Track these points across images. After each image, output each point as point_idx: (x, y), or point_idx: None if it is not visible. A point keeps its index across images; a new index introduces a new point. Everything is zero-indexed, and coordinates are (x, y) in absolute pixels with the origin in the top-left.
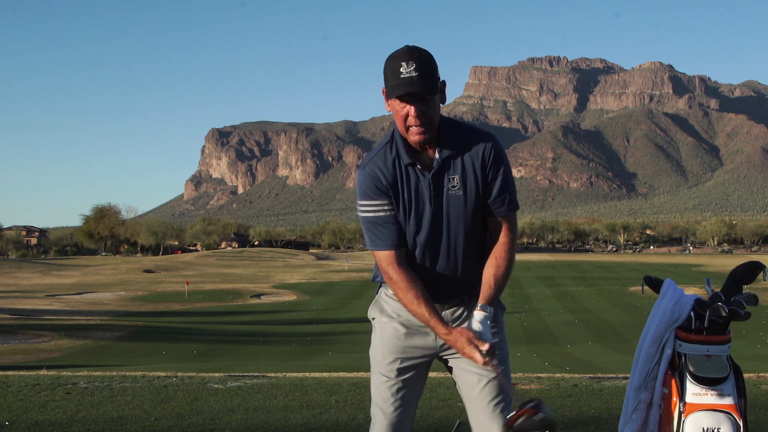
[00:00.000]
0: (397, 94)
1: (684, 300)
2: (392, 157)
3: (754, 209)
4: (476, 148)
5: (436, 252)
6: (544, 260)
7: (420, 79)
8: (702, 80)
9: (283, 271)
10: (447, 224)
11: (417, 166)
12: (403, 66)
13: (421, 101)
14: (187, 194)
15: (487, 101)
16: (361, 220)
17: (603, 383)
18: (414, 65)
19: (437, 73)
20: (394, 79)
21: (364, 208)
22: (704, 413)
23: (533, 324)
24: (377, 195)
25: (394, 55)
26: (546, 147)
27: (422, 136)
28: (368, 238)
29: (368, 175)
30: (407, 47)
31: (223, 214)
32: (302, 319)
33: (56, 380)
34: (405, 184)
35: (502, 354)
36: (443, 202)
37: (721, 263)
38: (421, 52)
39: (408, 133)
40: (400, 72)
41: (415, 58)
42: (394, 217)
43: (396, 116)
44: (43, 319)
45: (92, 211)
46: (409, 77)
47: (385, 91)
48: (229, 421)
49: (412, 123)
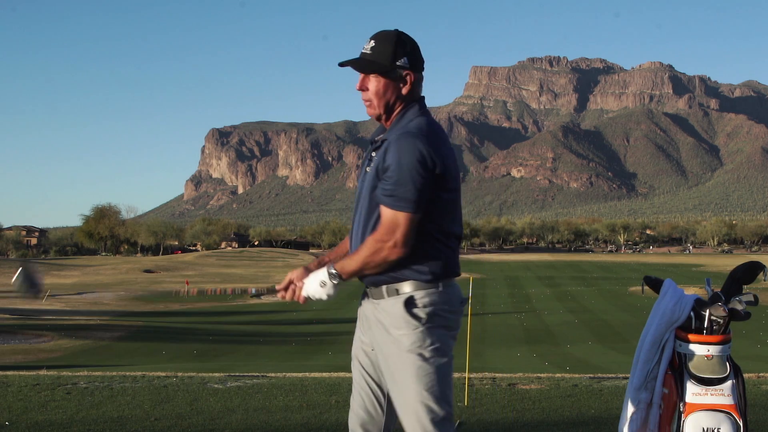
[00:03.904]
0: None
1: (684, 300)
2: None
3: (754, 209)
4: (391, 138)
5: (353, 226)
6: (544, 260)
7: (361, 57)
8: (702, 80)
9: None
10: (358, 201)
11: (371, 141)
12: (366, 42)
13: (363, 78)
14: (187, 194)
15: (487, 101)
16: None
17: (603, 383)
18: (372, 43)
19: (389, 58)
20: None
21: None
22: (704, 413)
23: (533, 324)
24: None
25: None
26: (546, 147)
27: (369, 111)
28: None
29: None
30: (388, 30)
31: (223, 214)
32: (302, 319)
33: (56, 380)
34: (365, 161)
35: (430, 366)
36: (361, 178)
37: (721, 263)
38: (386, 34)
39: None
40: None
41: (377, 38)
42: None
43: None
44: (43, 319)
45: (92, 211)
46: (361, 53)
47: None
48: (229, 421)
49: (362, 98)
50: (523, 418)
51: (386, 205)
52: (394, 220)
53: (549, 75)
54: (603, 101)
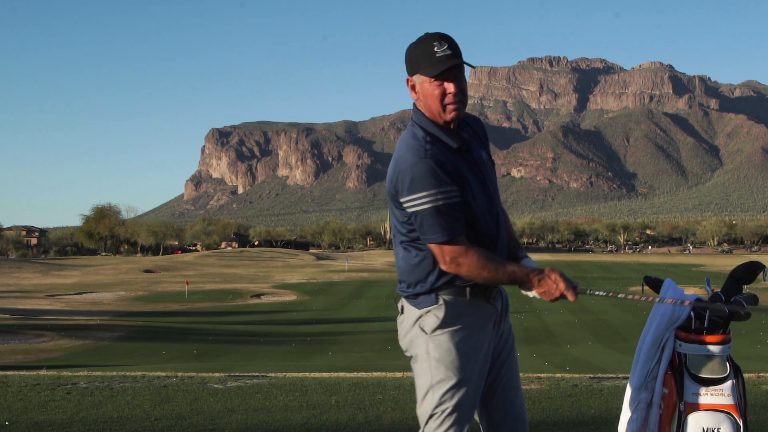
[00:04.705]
0: (439, 71)
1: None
2: (439, 143)
3: (754, 209)
4: (475, 127)
5: (495, 225)
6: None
7: (456, 56)
8: (702, 80)
9: (283, 271)
10: (492, 196)
11: (459, 147)
12: (436, 46)
13: (456, 78)
14: (187, 194)
15: (487, 101)
16: (428, 211)
17: (603, 383)
18: (446, 44)
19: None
20: (430, 59)
21: (435, 197)
22: (704, 413)
23: (533, 324)
24: (447, 181)
25: (421, 39)
26: (546, 147)
27: (458, 112)
28: (441, 229)
29: (434, 161)
30: (434, 33)
31: (223, 214)
32: (302, 319)
33: (56, 380)
34: (461, 167)
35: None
36: (484, 175)
37: (721, 263)
38: (447, 35)
39: (445, 111)
40: (434, 52)
41: (446, 38)
42: (463, 203)
43: (429, 98)
44: (43, 319)
45: (92, 211)
46: (445, 55)
47: (411, 76)
48: (229, 421)
49: (451, 100)
50: None
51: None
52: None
53: (549, 75)
54: (603, 101)
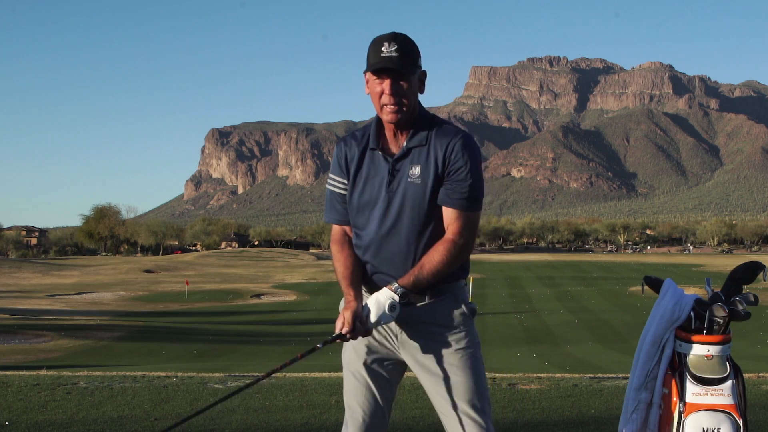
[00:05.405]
0: (374, 68)
1: (684, 300)
2: (365, 138)
3: (754, 209)
4: (442, 141)
5: (390, 238)
6: (544, 260)
7: (398, 59)
8: (702, 80)
9: (283, 271)
10: (400, 211)
11: (378, 151)
12: (384, 46)
13: (396, 80)
14: (187, 194)
15: (487, 101)
16: (327, 191)
17: (603, 383)
18: (395, 46)
19: (418, 61)
20: (374, 57)
21: (329, 180)
22: (704, 413)
23: (533, 324)
24: (338, 172)
25: (378, 37)
26: (546, 147)
27: (395, 115)
28: (325, 210)
29: (339, 150)
30: (392, 32)
31: (223, 214)
32: (302, 319)
33: (56, 380)
34: (366, 167)
35: (472, 362)
36: (400, 189)
37: (721, 263)
38: (404, 37)
39: (382, 112)
40: (381, 51)
41: (398, 40)
42: (344, 197)
43: (372, 95)
44: (43, 319)
45: (92, 211)
46: (389, 56)
47: (365, 72)
48: (229, 421)
49: (387, 101)
50: (523, 418)
51: (462, 208)
52: (473, 219)
53: (549, 75)
54: (603, 101)
